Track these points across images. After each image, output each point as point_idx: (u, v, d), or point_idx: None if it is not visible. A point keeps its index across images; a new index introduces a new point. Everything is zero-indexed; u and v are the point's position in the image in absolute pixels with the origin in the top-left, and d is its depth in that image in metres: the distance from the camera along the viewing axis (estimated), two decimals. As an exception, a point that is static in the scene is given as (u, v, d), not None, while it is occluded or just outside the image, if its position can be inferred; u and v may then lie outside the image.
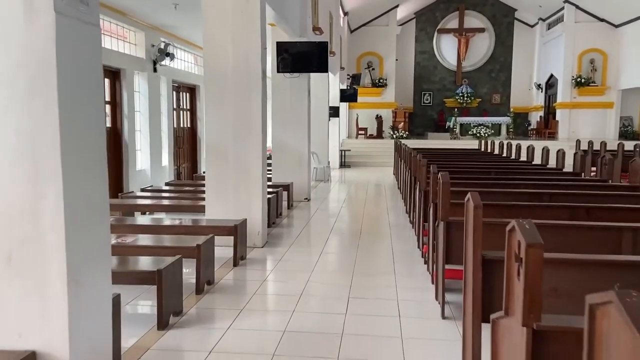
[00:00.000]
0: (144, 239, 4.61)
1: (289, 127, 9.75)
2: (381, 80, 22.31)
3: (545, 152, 9.46)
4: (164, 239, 4.74)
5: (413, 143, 17.63)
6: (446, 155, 12.10)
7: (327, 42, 9.21)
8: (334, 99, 16.23)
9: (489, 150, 13.81)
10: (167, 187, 8.68)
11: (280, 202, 8.27)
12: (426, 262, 5.44)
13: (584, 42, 20.95)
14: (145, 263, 3.89)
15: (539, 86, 23.65)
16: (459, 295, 4.54)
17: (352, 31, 22.20)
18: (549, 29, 22.90)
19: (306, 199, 9.89)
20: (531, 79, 24.44)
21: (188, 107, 12.14)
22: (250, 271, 5.36)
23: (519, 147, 10.99)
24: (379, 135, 21.37)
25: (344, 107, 19.76)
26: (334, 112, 16.04)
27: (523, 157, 11.07)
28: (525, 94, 24.54)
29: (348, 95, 18.71)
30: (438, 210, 4.21)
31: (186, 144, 12.16)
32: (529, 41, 24.28)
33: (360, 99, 20.21)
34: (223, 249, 5.61)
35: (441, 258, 4.04)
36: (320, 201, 10.07)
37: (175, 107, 11.61)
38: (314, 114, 12.79)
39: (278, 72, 9.28)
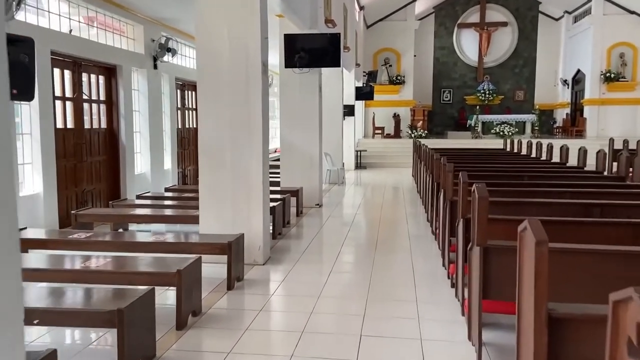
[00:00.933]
0: (115, 263, 3.83)
1: (299, 126, 8.95)
2: (399, 78, 21.38)
3: (583, 152, 8.51)
4: (140, 262, 3.96)
5: (432, 143, 16.70)
6: (469, 156, 11.19)
7: (339, 34, 8.38)
8: (349, 97, 15.39)
9: (515, 150, 12.84)
10: (166, 194, 7.94)
11: (287, 210, 7.47)
12: (454, 286, 4.59)
13: (613, 36, 19.77)
14: (105, 298, 3.11)
15: (565, 82, 22.49)
16: (498, 332, 3.71)
17: (368, 26, 21.31)
18: (575, 22, 21.73)
19: (317, 204, 9.09)
20: (556, 75, 23.28)
21: (194, 107, 11.42)
22: (247, 296, 4.57)
23: (550, 147, 10.04)
24: (397, 134, 20.46)
25: (359, 105, 18.89)
26: (349, 110, 15.20)
27: (555, 158, 10.11)
28: (550, 90, 23.39)
29: (364, 93, 17.84)
30: (472, 230, 3.36)
31: (192, 146, 11.43)
32: (554, 35, 23.12)
33: (376, 96, 19.32)
34: (216, 267, 4.83)
35: (477, 292, 3.19)
36: (332, 207, 9.25)
37: (179, 106, 10.88)
38: (326, 112, 11.99)
39: (286, 67, 8.48)
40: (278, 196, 7.47)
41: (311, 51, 8.38)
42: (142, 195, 7.55)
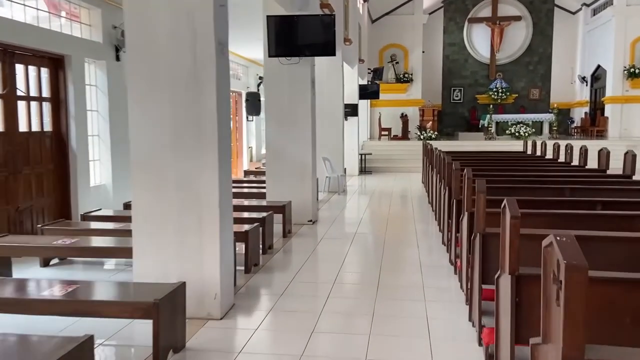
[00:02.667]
0: None
1: (288, 128, 7.39)
2: (406, 75, 19.74)
3: (631, 158, 6.86)
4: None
5: (443, 145, 15.08)
6: (487, 160, 9.57)
7: (334, 15, 6.82)
8: (352, 95, 13.81)
9: (538, 153, 11.17)
10: (123, 212, 6.39)
11: (269, 232, 5.91)
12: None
13: (638, 28, 18.03)
14: None
15: (583, 79, 20.76)
16: None
17: (373, 21, 19.70)
18: (594, 14, 20.00)
19: (310, 221, 7.51)
20: (574, 72, 21.55)
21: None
22: (181, 384, 3.01)
23: (584, 151, 8.38)
24: (405, 136, 18.83)
25: (364, 105, 17.30)
26: (352, 110, 13.62)
27: (584, 162, 8.46)
28: (567, 88, 21.65)
29: (369, 92, 16.27)
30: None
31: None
32: (571, 30, 21.40)
33: (382, 95, 17.74)
34: (147, 326, 3.29)
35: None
36: (328, 223, 7.66)
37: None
38: (326, 112, 10.44)
39: (270, 56, 6.92)
40: (257, 214, 5.91)
41: (301, 37, 6.82)
42: (88, 215, 6.01)
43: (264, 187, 7.71)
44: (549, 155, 10.46)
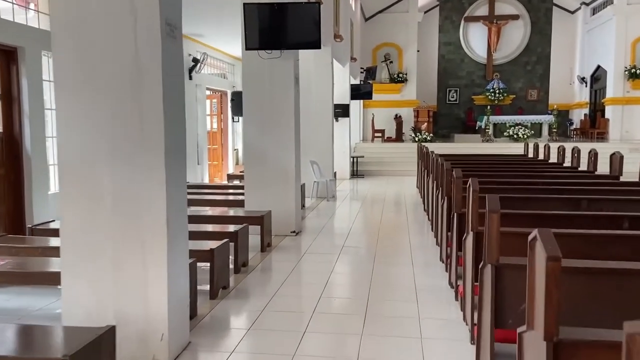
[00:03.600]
0: None
1: (269, 129, 6.63)
2: (400, 75, 19.01)
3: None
4: None
5: (439, 147, 14.37)
6: (487, 165, 8.84)
7: (318, 5, 6.06)
8: (343, 95, 13.06)
9: (540, 157, 10.45)
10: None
11: (243, 248, 5.15)
12: None
13: (639, 28, 17.37)
14: None
15: (582, 80, 20.08)
16: None
17: (366, 19, 18.96)
18: (593, 14, 19.33)
19: (294, 232, 6.75)
20: (572, 72, 20.88)
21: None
22: None
23: (594, 155, 7.66)
24: (399, 138, 18.09)
25: (356, 105, 16.58)
26: (343, 111, 12.88)
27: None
28: (565, 89, 20.98)
29: (362, 93, 15.53)
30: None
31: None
32: (570, 29, 20.73)
33: (376, 96, 17.01)
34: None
35: None
36: (314, 234, 6.90)
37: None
38: (314, 113, 9.69)
39: (247, 48, 6.16)
40: (229, 227, 5.14)
41: (282, 27, 6.07)
42: (37, 228, 5.21)
43: (238, 196, 6.95)
44: (553, 159, 9.74)
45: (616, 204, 4.74)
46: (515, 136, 16.74)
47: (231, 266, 4.96)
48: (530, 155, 11.00)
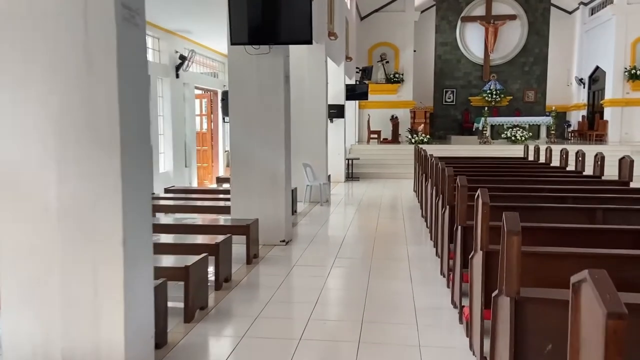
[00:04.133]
0: None
1: (256, 130, 6.13)
2: (397, 76, 18.53)
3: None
4: None
5: (436, 149, 13.92)
6: (488, 169, 8.39)
7: (311, -4, 5.56)
8: (338, 96, 12.57)
9: (541, 160, 9.99)
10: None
11: (225, 262, 4.64)
12: None
13: (639, 28, 16.97)
14: None
15: (580, 81, 19.69)
16: None
17: (362, 18, 18.48)
18: (592, 14, 18.93)
19: (283, 241, 6.25)
20: (570, 73, 20.49)
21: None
22: None
23: (600, 158, 7.19)
24: (395, 139, 17.62)
25: (352, 106, 16.10)
26: (338, 111, 12.38)
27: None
28: (563, 90, 20.57)
29: (357, 93, 15.05)
30: None
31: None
32: (568, 30, 20.33)
33: (372, 96, 16.54)
34: None
35: None
36: (305, 243, 6.40)
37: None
38: (307, 113, 9.23)
39: (233, 43, 5.67)
40: (209, 239, 4.64)
41: (270, 20, 5.58)
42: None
43: (225, 202, 6.46)
44: (553, 161, 9.28)
45: (635, 214, 4.28)
46: (513, 138, 16.29)
47: (213, 281, 4.48)
48: (531, 158, 10.54)
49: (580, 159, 8.01)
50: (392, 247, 6.28)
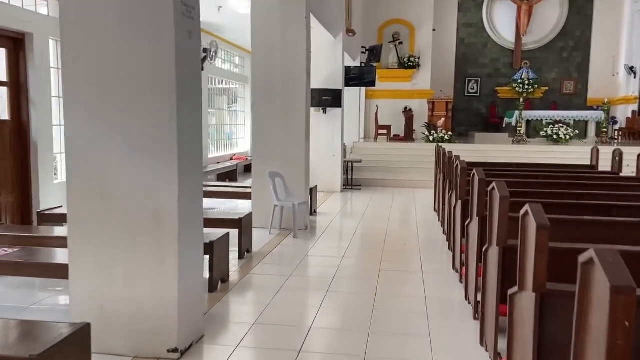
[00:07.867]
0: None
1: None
2: (412, 60, 15.09)
3: None
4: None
5: (460, 149, 10.56)
6: (541, 181, 5.03)
7: None
8: (335, 79, 9.24)
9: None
10: None
11: None
12: None
13: None
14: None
15: (631, 69, 16.05)
16: None
17: (372, -10, 15.05)
18: (647, -10, 15.31)
19: (175, 350, 2.94)
20: (616, 61, 16.85)
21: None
22: None
23: None
24: (409, 136, 14.22)
25: (355, 94, 12.76)
26: (334, 99, 9.06)
27: None
28: (609, 80, 16.96)
29: (362, 78, 11.67)
30: None
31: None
32: (616, 9, 16.69)
33: (381, 84, 13.24)
34: None
35: None
36: (229, 346, 3.09)
37: None
38: (277, 95, 5.92)
39: None
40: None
41: None
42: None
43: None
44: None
45: None
46: (555, 137, 12.81)
47: None
48: (611, 169, 7.07)
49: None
50: (404, 346, 2.93)
